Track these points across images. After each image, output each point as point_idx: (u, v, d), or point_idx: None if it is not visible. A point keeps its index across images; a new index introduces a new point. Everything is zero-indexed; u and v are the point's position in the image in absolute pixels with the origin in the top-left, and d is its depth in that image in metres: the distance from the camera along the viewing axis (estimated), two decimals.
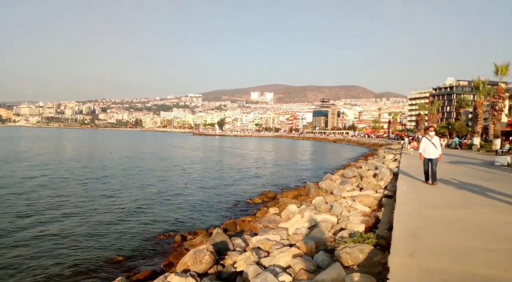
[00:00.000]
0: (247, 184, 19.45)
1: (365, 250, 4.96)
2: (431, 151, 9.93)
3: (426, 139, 10.14)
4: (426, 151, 10.04)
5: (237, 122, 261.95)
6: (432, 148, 9.95)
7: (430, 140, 10.04)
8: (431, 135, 10.13)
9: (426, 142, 10.11)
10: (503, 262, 3.84)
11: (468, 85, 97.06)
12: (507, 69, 34.63)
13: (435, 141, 10.02)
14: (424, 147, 10.13)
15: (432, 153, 9.92)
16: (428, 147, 10.03)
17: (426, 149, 10.05)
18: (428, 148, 10.02)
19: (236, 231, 9.28)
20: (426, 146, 10.09)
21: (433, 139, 10.04)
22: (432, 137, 10.08)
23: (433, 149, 9.93)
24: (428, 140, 10.07)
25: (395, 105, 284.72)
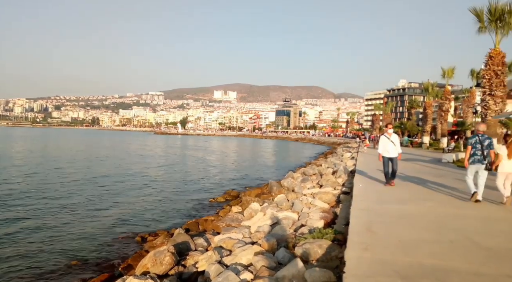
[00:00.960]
0: (210, 183, 19.31)
1: (324, 245, 5.13)
2: (391, 149, 9.30)
3: (385, 138, 9.46)
4: (386, 149, 9.38)
5: (200, 121, 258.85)
6: (392, 146, 9.30)
7: (389, 138, 9.37)
8: (390, 133, 9.49)
9: (385, 140, 9.41)
10: (447, 253, 4.16)
11: (419, 87, 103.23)
12: (452, 73, 37.33)
13: (394, 139, 9.37)
14: (383, 146, 9.43)
15: (392, 152, 9.30)
16: (387, 146, 9.35)
17: (386, 148, 9.38)
18: (388, 146, 9.34)
19: (198, 231, 9.20)
20: (385, 144, 9.40)
21: (392, 137, 9.40)
22: (391, 135, 9.44)
23: (393, 148, 9.30)
24: (387, 138, 9.39)
25: (352, 105, 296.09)
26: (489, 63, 18.73)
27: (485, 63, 19.10)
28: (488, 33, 18.61)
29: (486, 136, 7.40)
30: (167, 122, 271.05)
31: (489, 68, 18.76)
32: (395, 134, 9.55)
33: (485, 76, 19.14)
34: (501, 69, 18.46)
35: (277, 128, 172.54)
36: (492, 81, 18.57)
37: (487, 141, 7.25)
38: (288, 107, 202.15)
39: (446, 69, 37.46)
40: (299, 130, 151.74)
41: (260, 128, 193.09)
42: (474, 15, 18.70)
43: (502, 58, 18.49)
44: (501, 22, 17.98)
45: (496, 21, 18.07)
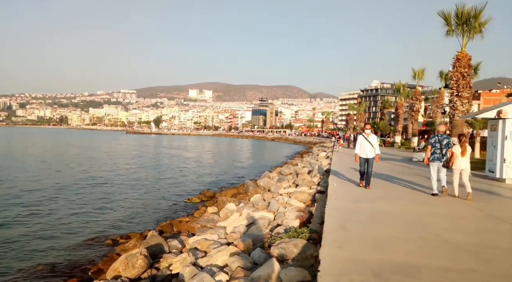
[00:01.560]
0: (185, 183, 19.04)
1: (299, 244, 5.15)
2: (368, 150, 8.97)
3: (362, 138, 9.14)
4: (362, 150, 9.05)
5: (175, 120, 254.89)
6: (369, 146, 8.96)
7: (366, 138, 9.04)
8: (368, 133, 9.14)
9: (362, 140, 9.09)
10: (418, 249, 4.28)
11: (391, 88, 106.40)
12: (422, 74, 38.75)
13: (372, 139, 9.02)
14: (360, 146, 9.10)
15: (369, 152, 8.96)
16: (364, 146, 9.03)
17: (363, 148, 9.06)
18: (365, 146, 9.02)
19: (172, 233, 9.01)
20: (362, 144, 9.07)
21: (369, 137, 9.05)
22: (369, 135, 9.11)
23: (370, 148, 8.95)
24: (365, 138, 9.07)
25: (327, 105, 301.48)
26: (456, 65, 19.55)
27: (453, 66, 19.92)
28: (456, 36, 19.41)
29: (445, 136, 8.05)
30: (140, 121, 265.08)
31: (456, 70, 19.57)
32: (373, 135, 9.23)
33: (452, 78, 19.95)
34: (467, 71, 19.30)
35: (253, 128, 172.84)
36: (459, 83, 19.39)
37: (445, 141, 7.92)
38: (264, 106, 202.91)
39: (417, 71, 38.84)
40: (275, 129, 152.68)
41: (237, 128, 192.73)
42: (442, 19, 19.45)
43: (468, 60, 19.34)
44: (467, 26, 18.80)
45: (462, 24, 18.87)
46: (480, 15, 18.40)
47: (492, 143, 11.42)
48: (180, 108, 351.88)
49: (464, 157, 7.90)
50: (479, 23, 18.54)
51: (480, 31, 18.76)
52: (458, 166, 7.88)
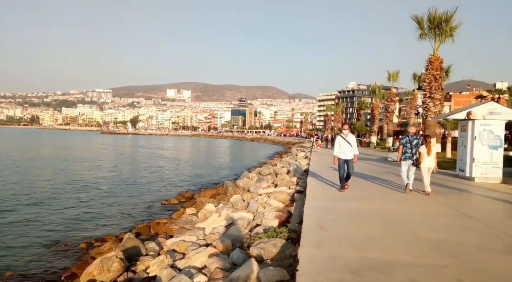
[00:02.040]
0: (163, 184, 18.74)
1: (278, 244, 5.17)
2: (347, 150, 8.55)
3: (341, 138, 8.74)
4: (341, 151, 8.62)
5: (152, 120, 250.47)
6: (348, 147, 8.57)
7: (344, 139, 8.63)
8: (346, 134, 8.73)
9: (341, 140, 8.68)
10: (392, 246, 4.39)
11: (367, 89, 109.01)
12: (397, 76, 39.92)
13: (350, 139, 8.64)
14: (339, 147, 8.66)
15: (348, 153, 8.56)
16: (343, 147, 8.61)
17: (341, 149, 8.62)
18: (344, 147, 8.60)
19: (150, 235, 8.86)
20: (341, 145, 8.64)
21: (348, 137, 8.66)
22: (347, 135, 8.70)
23: (349, 149, 8.57)
24: (343, 138, 8.66)
25: (306, 106, 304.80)
26: (429, 68, 20.26)
27: (426, 68, 20.63)
28: (428, 40, 20.12)
29: (415, 137, 8.86)
30: (116, 121, 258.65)
31: (429, 72, 20.28)
32: (352, 135, 8.84)
33: (425, 80, 20.66)
34: (439, 73, 20.03)
35: (232, 128, 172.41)
36: (431, 85, 20.10)
37: (415, 141, 8.72)
38: (243, 107, 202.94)
39: (391, 73, 39.97)
40: (254, 130, 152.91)
41: (216, 128, 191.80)
42: (416, 23, 20.11)
43: (440, 63, 20.08)
44: (439, 29, 19.52)
45: (435, 28, 19.58)
46: (451, 19, 19.15)
47: (462, 143, 11.89)
48: (157, 108, 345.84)
49: (430, 156, 8.59)
50: (450, 28, 19.29)
51: (451, 35, 19.52)
52: (425, 164, 8.57)
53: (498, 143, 10.99)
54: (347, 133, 8.76)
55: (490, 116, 11.10)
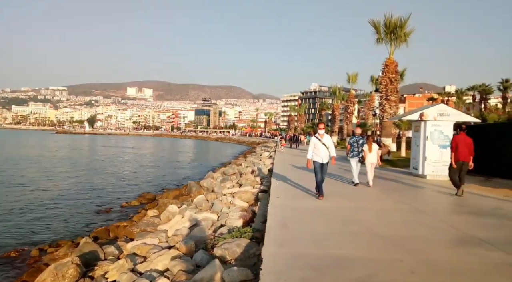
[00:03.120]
0: (123, 186, 18.07)
1: (242, 244, 5.19)
2: (323, 153, 7.71)
3: (316, 139, 7.82)
4: (317, 153, 7.74)
5: (112, 119, 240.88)
6: (324, 149, 7.71)
7: (320, 140, 7.75)
8: (321, 134, 7.85)
9: (316, 142, 7.78)
10: (352, 243, 4.57)
11: (328, 91, 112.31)
12: (356, 78, 41.56)
13: (327, 141, 7.77)
14: (314, 149, 7.77)
15: (324, 156, 7.72)
16: (319, 149, 7.72)
17: (317, 151, 7.74)
18: (320, 150, 7.71)
19: (109, 238, 8.51)
20: (316, 147, 7.75)
21: (324, 138, 7.78)
22: (323, 136, 7.82)
23: (325, 151, 7.72)
24: (318, 140, 7.76)
25: (270, 106, 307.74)
26: (385, 71, 21.29)
27: (382, 71, 21.67)
28: (384, 44, 21.14)
29: (360, 137, 10.01)
30: (72, 120, 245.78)
31: (385, 75, 21.32)
32: (328, 136, 7.99)
33: (382, 82, 21.69)
34: (394, 76, 21.12)
35: (196, 128, 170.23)
36: (387, 87, 21.14)
37: (361, 141, 9.84)
38: (208, 106, 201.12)
39: (351, 75, 41.51)
40: (219, 130, 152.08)
41: (179, 128, 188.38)
42: (373, 27, 21.06)
43: (395, 67, 21.18)
44: (395, 35, 20.58)
45: (390, 33, 20.62)
46: (405, 25, 20.28)
47: (416, 143, 12.62)
48: (117, 107, 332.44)
49: (371, 153, 9.80)
50: (404, 33, 20.42)
51: (405, 40, 20.67)
52: (368, 160, 9.79)
53: (447, 142, 11.78)
54: (323, 134, 7.86)
55: (440, 118, 11.88)
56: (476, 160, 12.84)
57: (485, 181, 11.33)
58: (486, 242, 4.61)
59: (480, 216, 6.37)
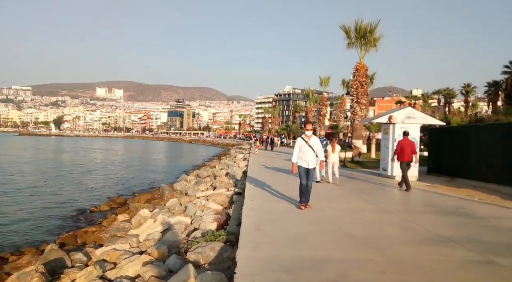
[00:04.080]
0: (91, 190, 17.43)
1: (216, 247, 5.14)
2: (309, 157, 6.82)
3: (302, 141, 6.95)
4: (302, 157, 6.87)
5: (80, 121, 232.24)
6: (311, 153, 6.84)
7: (307, 142, 6.87)
8: (309, 136, 6.94)
9: (302, 144, 6.92)
10: (324, 244, 4.64)
11: (302, 93, 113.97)
12: (328, 81, 42.48)
13: (314, 143, 6.88)
14: (299, 152, 6.94)
15: (310, 161, 6.84)
16: (305, 152, 6.84)
17: (303, 155, 6.88)
18: (306, 153, 6.84)
19: (76, 245, 8.17)
20: (302, 150, 6.90)
21: (311, 140, 6.89)
22: (310, 138, 6.92)
23: (312, 155, 6.85)
24: (305, 142, 6.89)
25: (245, 108, 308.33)
26: (356, 75, 21.90)
27: (353, 75, 22.27)
28: (355, 48, 21.74)
29: (325, 138, 11.21)
30: (37, 121, 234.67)
31: (356, 79, 21.92)
32: (316, 137, 7.11)
33: (353, 86, 22.29)
34: (365, 80, 21.76)
35: (169, 130, 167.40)
36: (358, 91, 21.74)
37: (324, 142, 10.78)
38: (181, 108, 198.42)
39: (323, 78, 42.39)
40: (193, 131, 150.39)
41: (151, 130, 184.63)
42: (344, 32, 21.62)
43: (365, 71, 21.82)
44: (365, 40, 21.23)
45: (360, 38, 21.25)
46: (374, 31, 20.97)
47: (385, 145, 13.04)
48: (85, 107, 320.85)
49: (334, 153, 10.89)
50: (374, 38, 21.11)
51: (375, 45, 21.37)
52: (330, 159, 10.84)
53: (416, 145, 12.24)
54: (311, 135, 6.96)
55: (408, 120, 12.34)
56: (441, 161, 13.41)
57: (449, 181, 11.88)
58: (451, 240, 4.83)
59: (445, 215, 6.67)
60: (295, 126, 65.33)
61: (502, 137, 10.34)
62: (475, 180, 11.08)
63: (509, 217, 6.57)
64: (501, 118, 29.23)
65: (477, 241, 4.84)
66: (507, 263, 3.91)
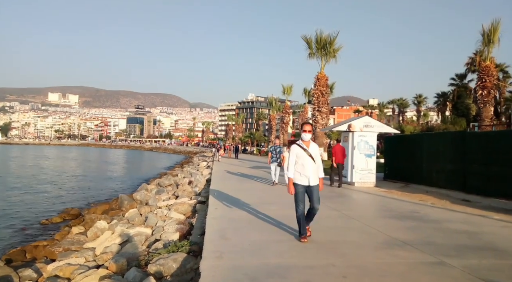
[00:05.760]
0: (42, 201, 16.30)
1: (179, 258, 5.00)
2: (309, 170, 5.02)
3: (299, 149, 5.12)
4: (300, 171, 5.07)
5: (30, 128, 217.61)
6: (311, 164, 5.04)
7: (306, 150, 5.07)
8: (307, 141, 5.15)
9: (299, 152, 5.11)
10: (288, 251, 4.68)
11: (265, 101, 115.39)
12: (291, 90, 43.43)
13: (313, 150, 5.11)
14: (297, 163, 5.11)
15: (311, 175, 5.02)
16: (304, 164, 5.04)
17: (301, 167, 5.06)
18: (305, 165, 5.04)
19: (25, 261, 7.58)
20: (300, 160, 5.08)
21: (310, 148, 5.11)
22: (309, 144, 5.13)
23: (312, 167, 5.05)
24: (303, 149, 5.08)
25: (208, 115, 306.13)
26: (317, 84, 22.63)
27: (314, 84, 22.99)
28: (316, 59, 22.49)
29: (278, 146, 12.77)
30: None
31: (317, 88, 22.65)
32: (315, 144, 5.23)
33: (314, 95, 22.99)
34: (325, 90, 22.53)
35: (128, 137, 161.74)
36: (319, 100, 22.45)
37: (278, 149, 12.53)
38: (141, 114, 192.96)
39: (286, 87, 43.25)
40: (153, 139, 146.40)
41: (109, 137, 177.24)
42: (306, 42, 22.31)
43: (326, 80, 22.62)
44: (325, 50, 22.04)
45: (321, 49, 22.03)
46: (334, 42, 21.87)
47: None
48: (36, 114, 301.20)
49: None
50: (333, 49, 22.00)
51: (334, 56, 22.26)
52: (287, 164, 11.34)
53: (372, 152, 12.81)
54: (309, 141, 5.17)
55: (366, 129, 12.90)
56: (396, 168, 14.17)
57: (404, 186, 12.53)
58: (406, 243, 5.07)
59: (401, 219, 7.01)
60: (259, 134, 65.91)
61: (450, 145, 11.12)
62: (427, 185, 11.78)
63: (458, 220, 7.03)
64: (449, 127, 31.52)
65: (430, 243, 5.12)
66: (457, 264, 4.18)
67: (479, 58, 23.66)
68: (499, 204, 8.69)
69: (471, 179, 10.20)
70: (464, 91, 40.41)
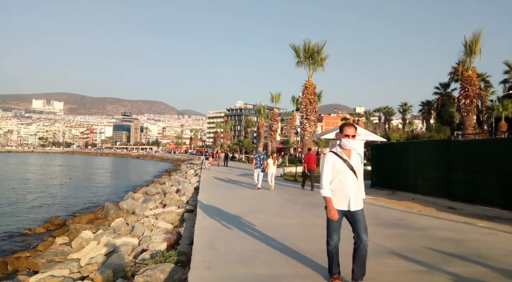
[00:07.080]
0: (25, 210, 15.86)
1: (167, 269, 4.92)
2: (349, 188, 3.82)
3: (337, 158, 3.84)
4: (338, 189, 3.84)
5: (12, 135, 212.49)
6: (352, 179, 3.83)
7: (346, 160, 3.82)
8: (347, 149, 3.84)
9: (336, 162, 3.84)
10: (277, 260, 4.66)
11: (253, 109, 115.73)
12: (279, 98, 43.71)
13: (355, 161, 3.86)
14: (336, 179, 3.84)
15: (352, 194, 3.85)
16: (344, 179, 3.81)
17: (340, 184, 3.83)
18: (345, 180, 3.81)
19: (6, 273, 7.37)
20: (339, 176, 3.82)
21: (352, 158, 3.84)
22: (351, 154, 3.85)
23: (354, 184, 3.85)
24: (343, 160, 3.82)
25: (196, 122, 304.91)
26: (305, 92, 22.83)
27: (302, 92, 23.19)
28: (304, 67, 22.73)
29: (262, 153, 13.95)
30: None
31: (305, 96, 22.84)
32: (358, 153, 3.99)
33: (302, 103, 23.18)
34: (313, 98, 22.74)
35: (115, 144, 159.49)
36: (307, 108, 22.62)
37: (262, 156, 13.50)
38: (128, 122, 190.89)
39: (274, 95, 43.54)
40: (141, 146, 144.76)
41: (95, 144, 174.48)
42: (294, 51, 22.55)
43: (313, 89, 22.84)
44: (313, 59, 22.31)
45: (309, 58, 22.29)
46: (321, 51, 22.15)
47: None
48: (19, 121, 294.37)
49: (274, 165, 13.55)
50: (321, 58, 22.28)
51: (321, 65, 22.54)
52: (270, 170, 13.28)
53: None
54: (350, 149, 3.87)
55: None
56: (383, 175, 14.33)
57: (391, 194, 12.66)
58: (394, 251, 5.11)
59: (388, 227, 7.07)
60: (247, 141, 65.90)
61: (435, 153, 11.33)
62: (413, 192, 11.93)
63: (444, 227, 7.14)
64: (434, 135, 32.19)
65: (417, 251, 5.18)
66: (443, 271, 4.23)
67: (462, 68, 24.33)
68: (483, 211, 8.86)
69: (456, 186, 10.38)
70: (448, 99, 41.48)
